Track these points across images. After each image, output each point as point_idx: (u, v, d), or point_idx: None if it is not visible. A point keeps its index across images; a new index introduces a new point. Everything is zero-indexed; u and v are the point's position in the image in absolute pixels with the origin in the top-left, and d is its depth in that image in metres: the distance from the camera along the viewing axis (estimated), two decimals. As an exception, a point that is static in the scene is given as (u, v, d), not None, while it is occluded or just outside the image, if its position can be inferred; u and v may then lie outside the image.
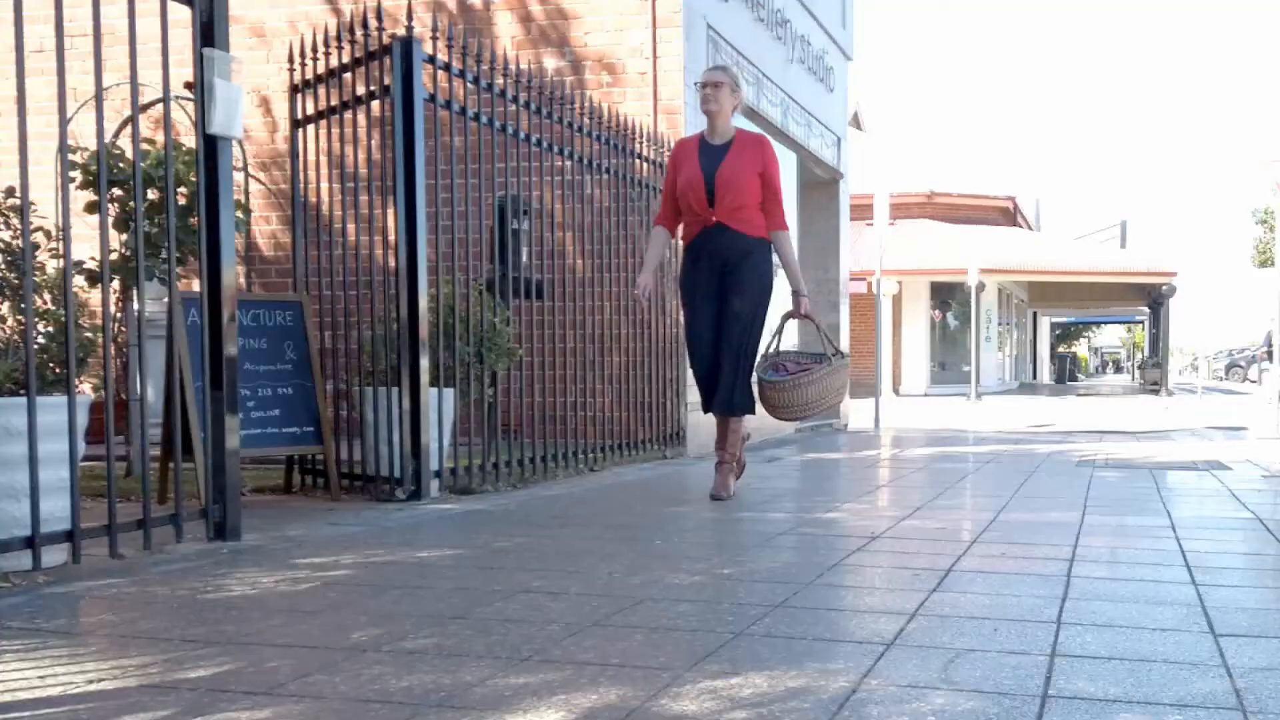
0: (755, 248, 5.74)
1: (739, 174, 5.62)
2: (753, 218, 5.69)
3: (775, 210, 5.73)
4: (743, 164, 5.64)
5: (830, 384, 5.77)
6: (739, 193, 5.62)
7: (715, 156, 5.68)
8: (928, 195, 30.92)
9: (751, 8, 10.13)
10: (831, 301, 13.57)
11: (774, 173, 5.74)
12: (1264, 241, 40.38)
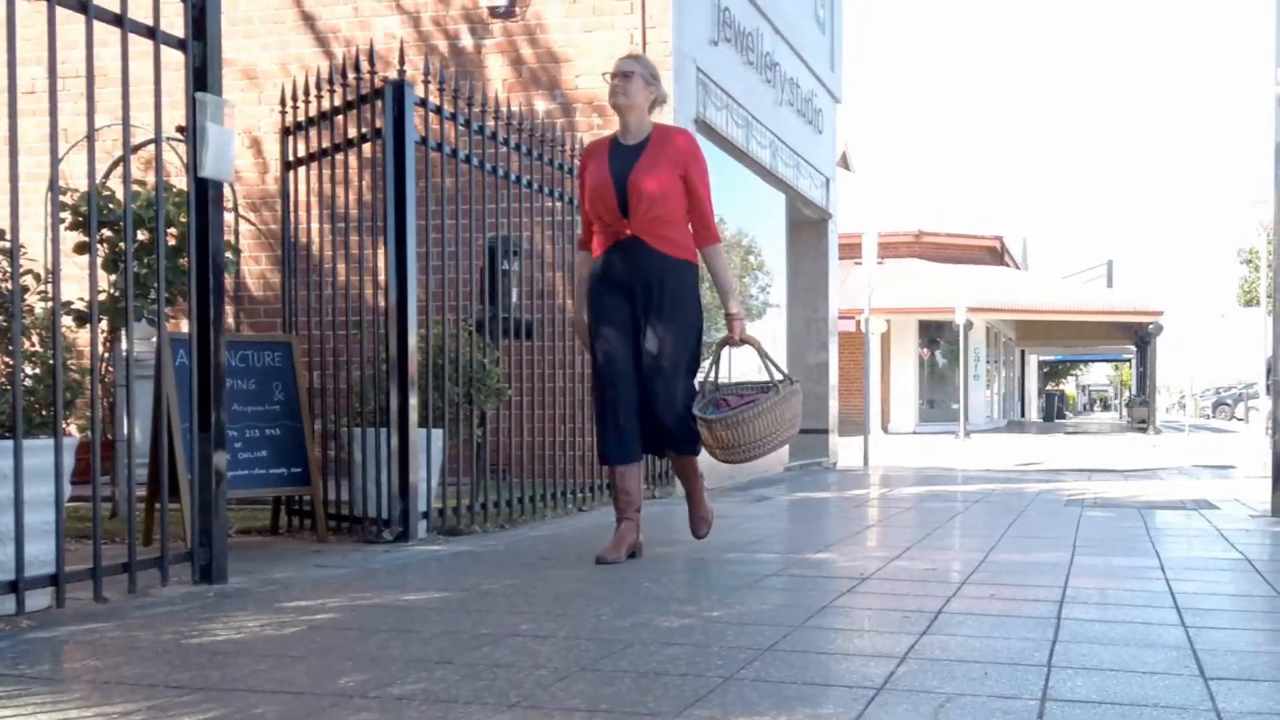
0: (680, 272, 4.83)
1: (656, 177, 4.75)
2: (677, 234, 4.84)
3: (702, 221, 4.88)
4: (661, 165, 4.77)
5: (780, 415, 4.84)
6: (657, 200, 4.75)
7: (628, 158, 4.82)
8: (916, 235, 31.09)
9: (741, 51, 10.22)
10: (820, 340, 13.62)
11: (699, 175, 4.85)
12: (1249, 281, 40.66)
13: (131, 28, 3.86)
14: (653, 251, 4.81)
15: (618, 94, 4.86)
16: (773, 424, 4.85)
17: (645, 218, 4.78)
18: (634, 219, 4.78)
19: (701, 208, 4.88)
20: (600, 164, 4.87)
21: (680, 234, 4.85)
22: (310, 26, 9.14)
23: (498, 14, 8.77)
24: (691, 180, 4.83)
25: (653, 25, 8.57)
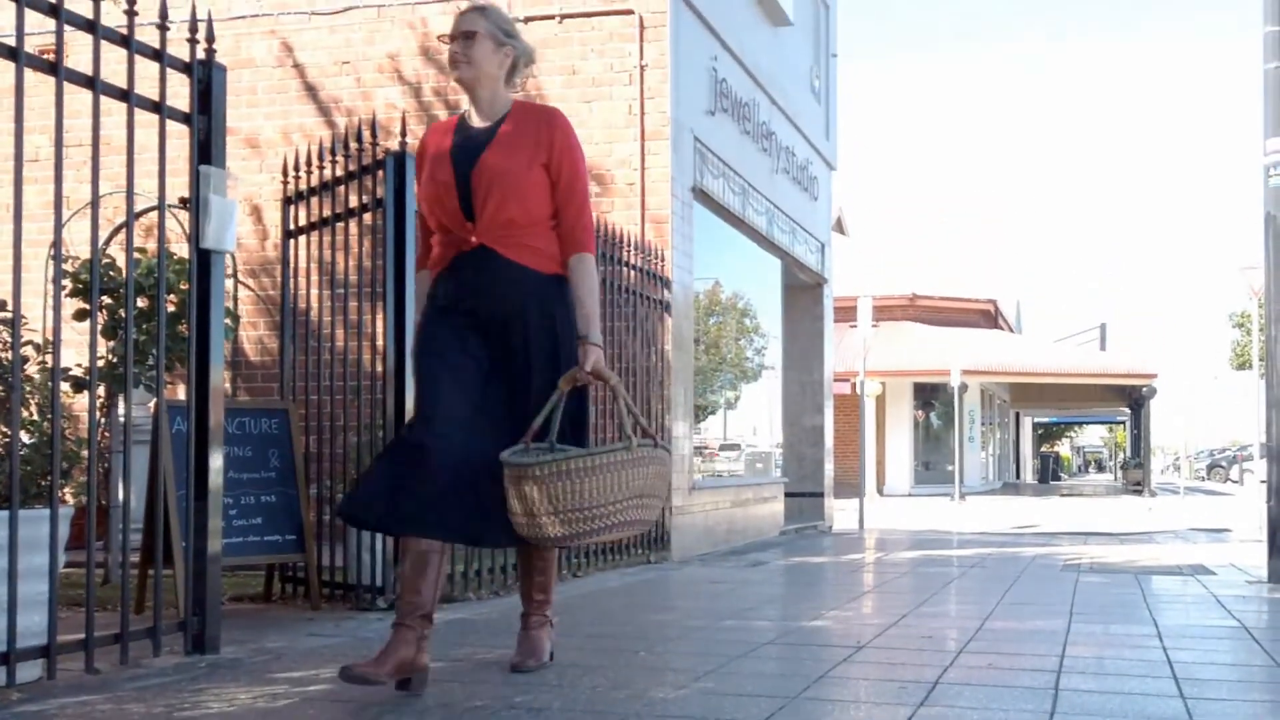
0: (549, 293, 3.60)
1: (512, 168, 3.53)
2: (542, 241, 3.60)
3: (575, 224, 3.62)
4: (519, 151, 3.56)
5: (625, 480, 3.38)
6: (511, 196, 3.53)
7: (476, 142, 3.61)
8: (910, 298, 31.27)
9: (738, 120, 10.38)
10: (816, 403, 13.66)
11: (571, 164, 3.63)
12: (1241, 344, 40.87)
13: (137, 103, 3.93)
14: (509, 265, 3.54)
15: (459, 63, 3.66)
16: (613, 489, 3.36)
17: (496, 220, 3.52)
18: (481, 222, 3.53)
19: (574, 206, 3.61)
20: (440, 152, 3.64)
21: (544, 240, 3.59)
22: (313, 97, 9.27)
23: (498, 84, 8.89)
24: (561, 170, 3.59)
25: (651, 96, 8.70)
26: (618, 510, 3.38)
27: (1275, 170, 9.30)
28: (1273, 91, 9.49)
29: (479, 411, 3.51)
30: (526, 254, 3.58)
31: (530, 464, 3.35)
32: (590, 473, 3.34)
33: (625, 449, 3.41)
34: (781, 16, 11.33)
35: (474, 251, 3.58)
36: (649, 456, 3.45)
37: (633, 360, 8.38)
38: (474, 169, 3.55)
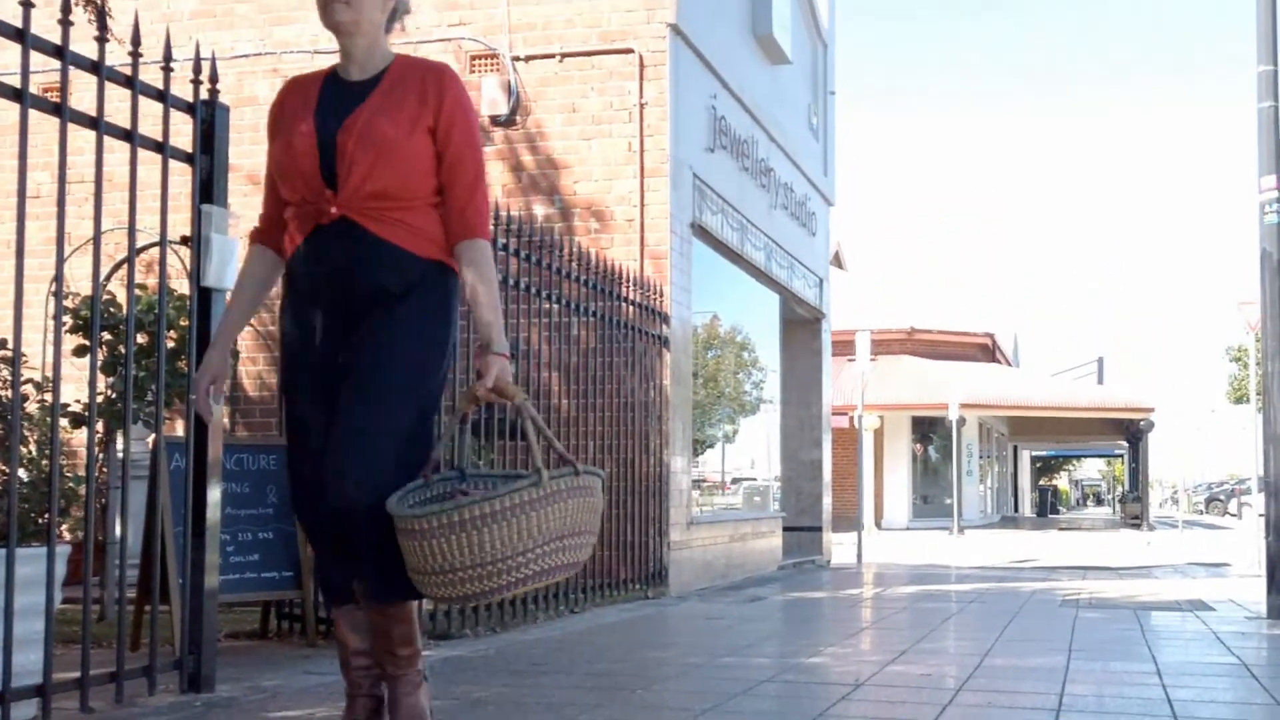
0: (420, 277, 2.94)
1: (389, 130, 2.89)
2: (418, 219, 2.94)
3: (466, 202, 2.95)
4: (398, 112, 2.92)
5: (539, 522, 2.76)
6: (384, 164, 2.88)
7: (348, 100, 2.96)
8: (908, 332, 31.33)
9: (736, 157, 10.45)
10: (814, 437, 13.67)
11: (465, 131, 2.97)
12: (1239, 378, 40.92)
13: (141, 143, 3.96)
14: (378, 244, 2.89)
15: (336, 8, 2.99)
16: (524, 535, 2.72)
17: (363, 190, 2.87)
18: (345, 191, 2.88)
19: (465, 181, 2.95)
20: (302, 108, 3.00)
21: (425, 219, 2.94)
22: (314, 134, 9.33)
23: (499, 122, 8.98)
24: (450, 137, 2.93)
25: (650, 133, 8.77)
26: (532, 559, 2.72)
27: (1270, 207, 9.37)
28: (1266, 130, 9.57)
29: (333, 439, 2.86)
30: (401, 232, 2.90)
31: (413, 516, 2.70)
32: (491, 521, 2.69)
33: (534, 485, 2.72)
34: (780, 55, 11.43)
35: (334, 224, 2.89)
36: (570, 488, 2.79)
37: (631, 395, 8.40)
38: (341, 128, 2.90)
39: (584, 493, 2.84)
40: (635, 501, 8.43)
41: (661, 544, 8.66)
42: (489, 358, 2.90)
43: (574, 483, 2.82)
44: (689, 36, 9.08)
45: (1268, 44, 9.57)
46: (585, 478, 2.84)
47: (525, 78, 8.97)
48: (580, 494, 2.84)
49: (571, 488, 2.81)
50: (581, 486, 2.84)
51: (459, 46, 9.10)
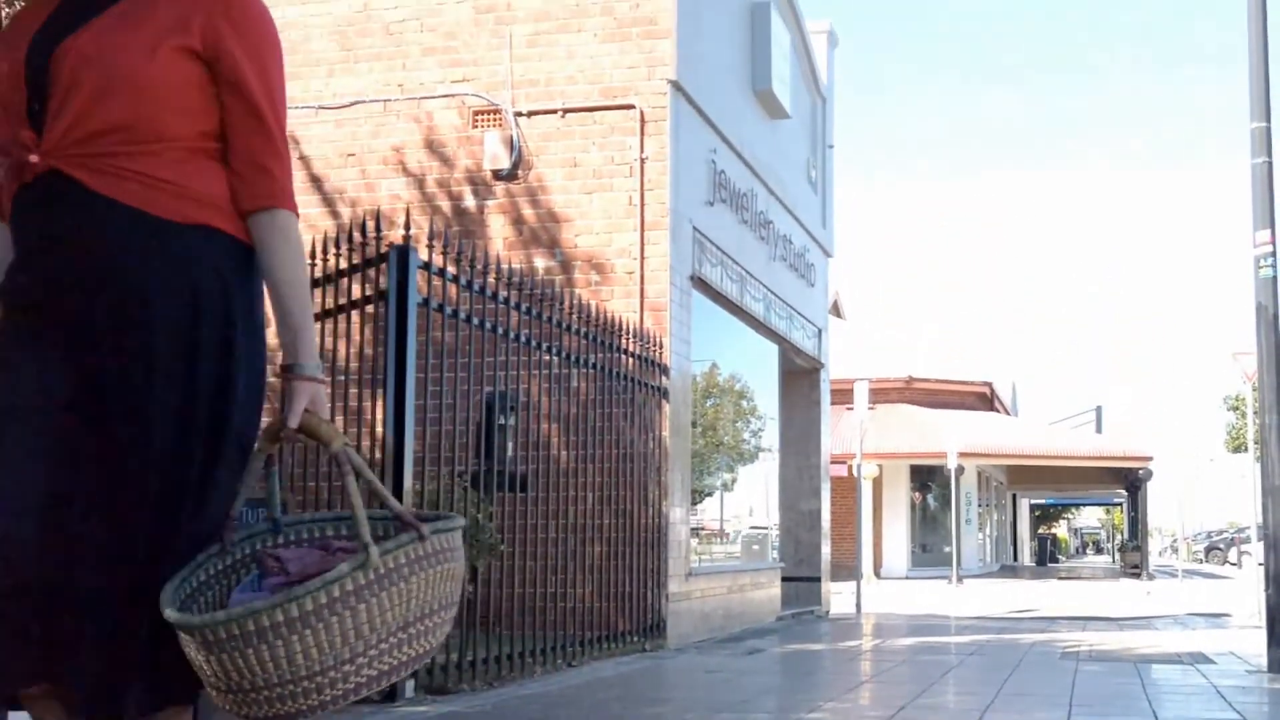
0: (176, 258, 2.01)
1: (121, 49, 2.00)
2: (165, 168, 2.01)
3: (260, 155, 2.08)
4: (139, 26, 2.03)
5: (375, 613, 1.95)
6: (112, 93, 1.98)
7: (74, 16, 2.06)
8: (906, 380, 31.37)
9: (736, 210, 10.55)
10: (813, 487, 13.67)
11: (254, 61, 2.10)
12: (1236, 427, 40.95)
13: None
14: (95, 202, 1.99)
15: None
16: (347, 640, 1.94)
17: (77, 129, 1.99)
18: (53, 133, 2.00)
19: (260, 128, 2.08)
20: (31, 25, 2.10)
21: (181, 170, 2.03)
22: (318, 188, 9.42)
23: (501, 176, 9.07)
24: (236, 67, 2.06)
25: (651, 187, 8.86)
26: (365, 664, 1.95)
27: (1264, 262, 9.45)
28: (1260, 185, 9.68)
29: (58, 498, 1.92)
30: (135, 188, 1.97)
31: (189, 624, 1.89)
32: (303, 625, 1.88)
33: (360, 568, 1.91)
34: (779, 110, 11.57)
35: (39, 182, 1.99)
36: (415, 560, 1.98)
37: (630, 446, 8.42)
38: (59, 49, 2.00)
39: (435, 560, 2.03)
40: (634, 553, 8.42)
41: (660, 595, 8.64)
42: (295, 384, 2.09)
43: (418, 551, 1.99)
44: (689, 92, 9.20)
45: (1260, 101, 9.71)
46: (436, 539, 2.03)
47: (527, 133, 9.07)
48: (430, 563, 2.02)
49: (416, 559, 1.99)
50: (431, 554, 2.02)
51: (462, 102, 9.21)
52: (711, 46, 9.88)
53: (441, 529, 2.06)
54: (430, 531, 2.02)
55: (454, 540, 2.09)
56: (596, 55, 9.02)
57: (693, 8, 9.27)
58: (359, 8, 9.48)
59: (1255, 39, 9.76)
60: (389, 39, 9.37)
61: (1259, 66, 9.77)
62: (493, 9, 9.23)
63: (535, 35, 9.13)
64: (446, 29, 9.30)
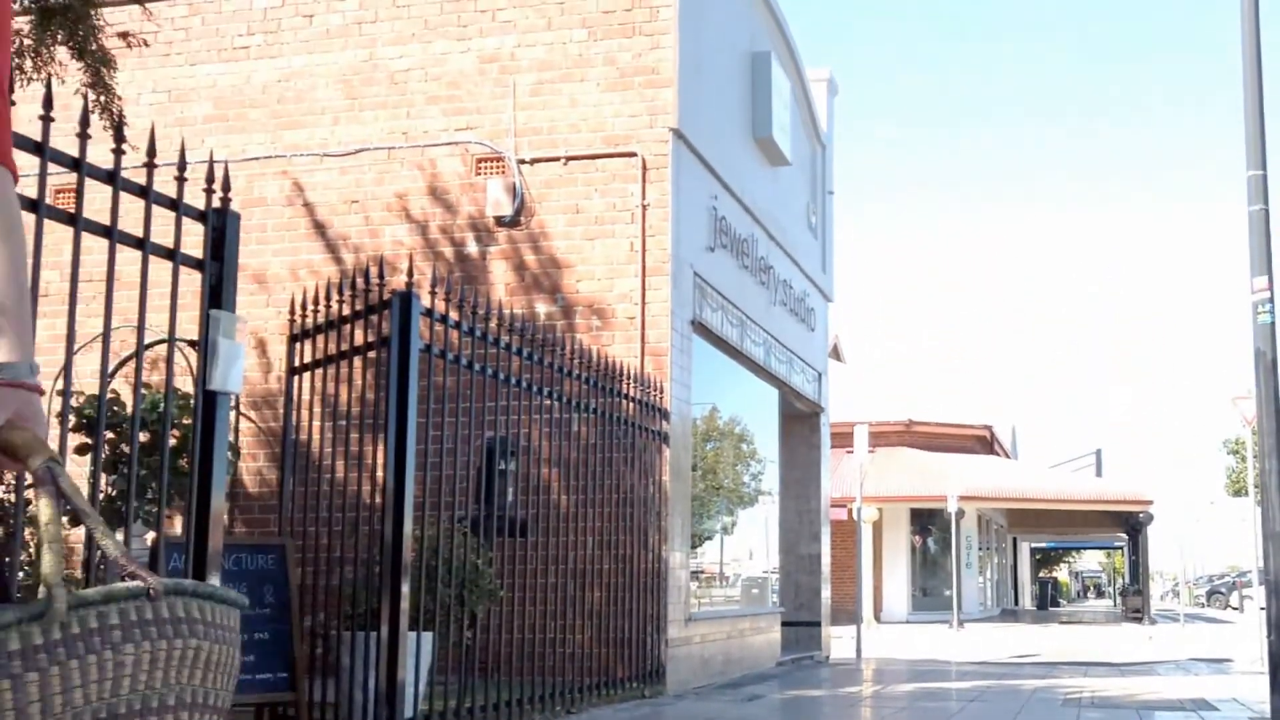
0: None
1: None
2: None
3: None
4: None
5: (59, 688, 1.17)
6: None
7: None
8: (906, 424, 31.33)
9: (736, 256, 10.59)
10: (813, 531, 13.62)
11: None
12: (1237, 471, 40.87)
13: (152, 250, 4.03)
14: None
15: None
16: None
17: None
18: None
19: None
20: None
21: None
22: (322, 234, 9.45)
23: (503, 223, 9.11)
24: None
25: (652, 234, 8.90)
26: None
27: (1262, 307, 9.49)
28: (1258, 232, 9.74)
29: None
30: None
31: None
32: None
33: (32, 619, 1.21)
34: (780, 157, 11.64)
35: None
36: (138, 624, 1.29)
37: (630, 491, 8.40)
38: None
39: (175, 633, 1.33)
40: (633, 598, 8.38)
41: (659, 641, 8.58)
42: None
43: (142, 614, 1.30)
44: (690, 140, 9.27)
45: (1256, 150, 9.79)
46: (181, 605, 1.34)
47: (530, 180, 9.13)
48: (162, 635, 1.32)
49: (135, 623, 1.30)
50: (167, 621, 1.32)
51: (465, 150, 9.27)
52: (713, 95, 9.96)
53: (196, 593, 1.37)
54: (171, 590, 1.32)
55: (218, 616, 1.40)
56: (599, 104, 9.09)
57: (694, 57, 9.36)
58: (365, 58, 9.57)
59: (1250, 89, 9.86)
60: (394, 88, 9.46)
61: (1254, 115, 9.85)
62: (497, 59, 9.32)
63: (539, 84, 9.21)
64: (450, 78, 9.39)
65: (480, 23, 9.39)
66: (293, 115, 9.61)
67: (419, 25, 9.49)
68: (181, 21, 9.96)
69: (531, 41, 9.26)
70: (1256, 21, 9.85)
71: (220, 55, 9.85)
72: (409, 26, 9.50)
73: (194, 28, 9.94)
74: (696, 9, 9.44)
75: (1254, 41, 9.78)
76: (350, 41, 9.60)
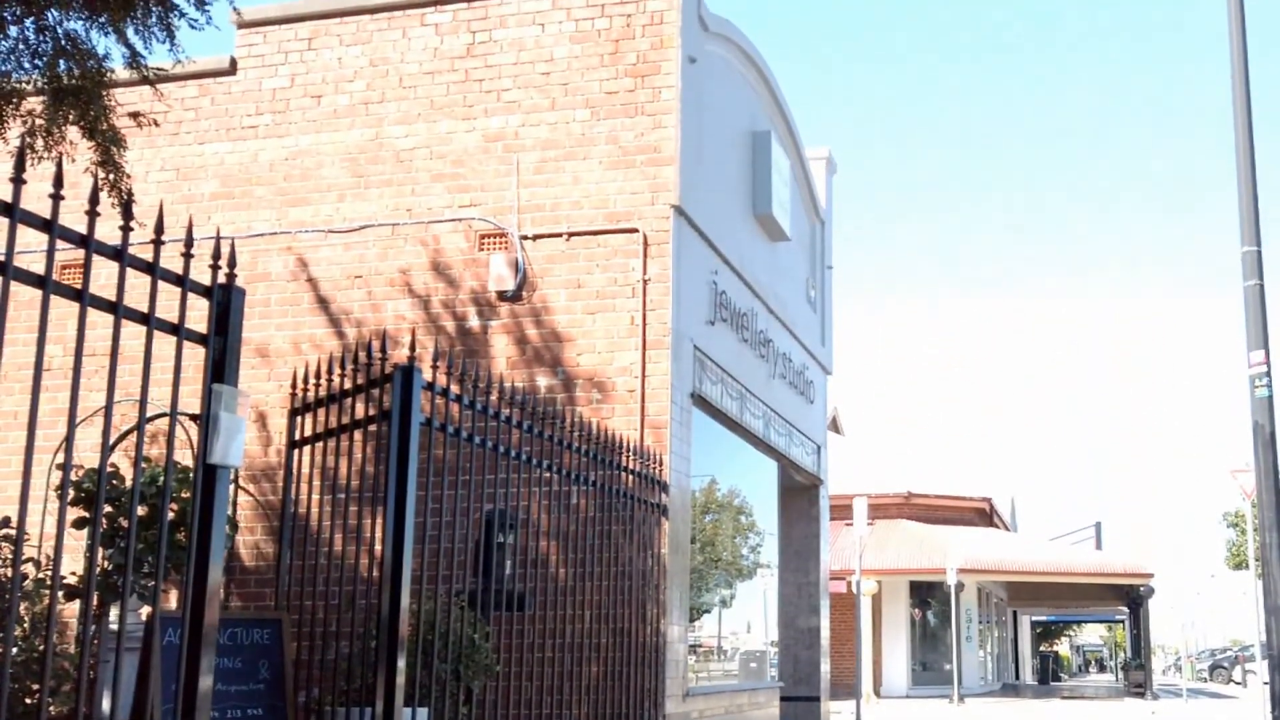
0: None
1: None
2: None
3: None
4: None
5: None
6: None
7: None
8: (905, 496, 31.23)
9: (736, 329, 10.64)
10: (812, 605, 13.52)
11: None
12: (1237, 544, 40.66)
13: (156, 325, 4.04)
14: None
15: None
16: None
17: None
18: None
19: None
20: None
21: None
22: (324, 309, 9.50)
23: (505, 297, 9.16)
24: None
25: (653, 308, 8.94)
26: None
27: (1260, 381, 9.53)
28: (1253, 308, 9.81)
29: None
30: None
31: None
32: None
33: None
34: (779, 233, 11.75)
35: None
36: None
37: (628, 564, 8.34)
38: None
39: None
40: (631, 672, 8.28)
41: (657, 717, 8.47)
42: None
43: None
44: (691, 216, 9.36)
45: (1250, 227, 9.90)
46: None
47: (532, 255, 9.19)
48: None
49: None
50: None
51: (469, 226, 9.35)
52: (713, 172, 10.08)
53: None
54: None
55: None
56: (601, 181, 9.19)
57: (695, 136, 9.48)
58: (371, 136, 9.69)
59: (1244, 166, 10.00)
60: (399, 166, 9.57)
61: (1248, 195, 9.98)
62: (501, 137, 9.44)
63: (542, 162, 9.32)
64: (455, 156, 9.50)
65: (486, 103, 9.53)
66: (298, 192, 9.71)
67: (425, 105, 9.63)
68: (191, 101, 10.10)
69: (535, 121, 9.39)
70: (1248, 102, 10.03)
71: (229, 134, 9.98)
72: (415, 106, 9.64)
73: (203, 107, 10.08)
74: (698, 89, 9.59)
75: (1245, 121, 9.94)
76: (357, 121, 9.74)
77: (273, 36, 10.07)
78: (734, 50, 10.82)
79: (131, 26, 6.09)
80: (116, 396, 4.26)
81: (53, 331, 6.94)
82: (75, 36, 6.13)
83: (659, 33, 9.28)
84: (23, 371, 9.06)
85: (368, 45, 9.86)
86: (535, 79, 9.46)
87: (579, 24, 9.44)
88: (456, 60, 9.65)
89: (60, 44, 6.08)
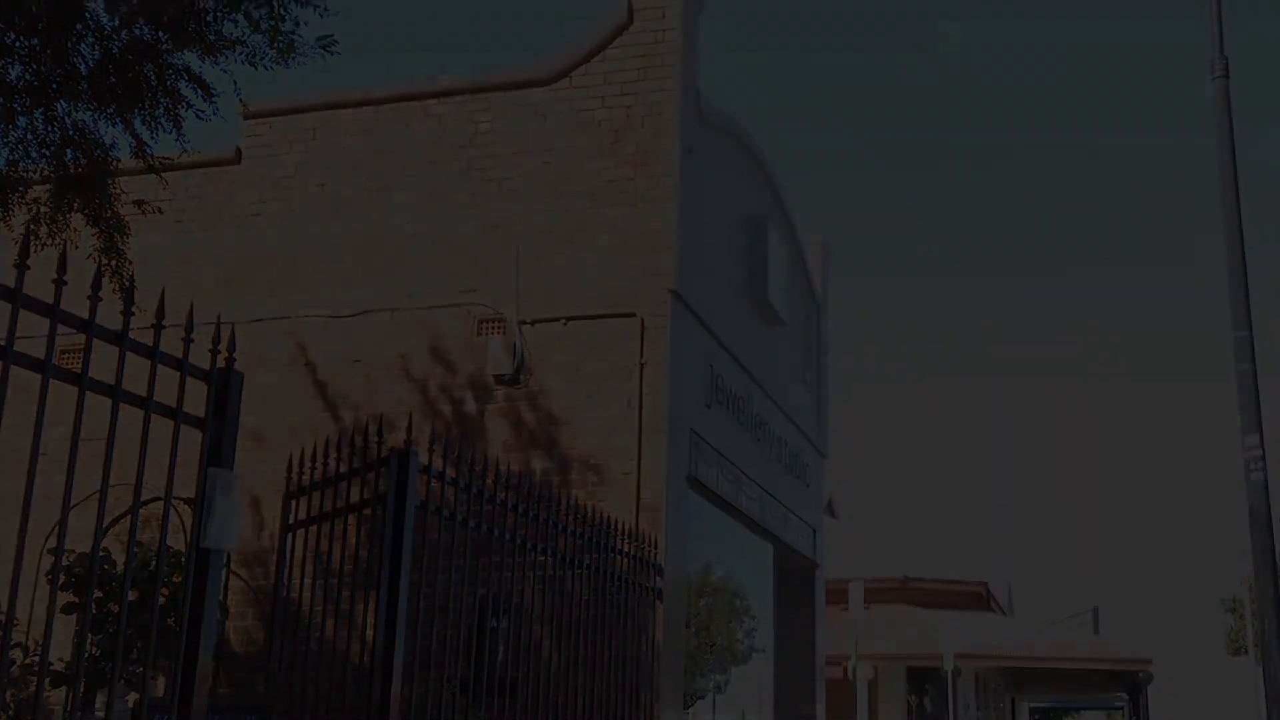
0: None
1: None
2: None
3: None
4: None
5: None
6: None
7: None
8: (902, 580, 30.98)
9: (732, 413, 10.65)
10: (809, 690, 13.33)
11: None
12: (1235, 630, 40.28)
13: (155, 408, 4.05)
14: None
15: None
16: None
17: None
18: None
19: None
20: None
21: None
22: (322, 393, 9.51)
23: (503, 381, 9.18)
24: None
25: (649, 391, 8.96)
26: None
27: (1255, 465, 9.50)
28: (1246, 391, 9.83)
29: None
30: None
31: None
32: None
33: None
34: (776, 318, 11.83)
35: None
36: None
37: (622, 648, 8.24)
38: None
39: None
40: (626, 763, 8.13)
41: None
42: None
43: None
44: (689, 301, 9.42)
45: (1242, 311, 9.95)
46: None
47: (530, 339, 9.23)
48: None
49: None
50: None
51: (468, 312, 9.40)
52: (711, 258, 10.18)
53: None
54: None
55: None
56: (600, 267, 9.27)
57: (694, 223, 9.59)
58: (373, 224, 9.80)
59: (1233, 250, 10.08)
60: (400, 253, 9.66)
61: (1238, 279, 10.05)
62: (501, 225, 9.54)
63: (542, 249, 9.40)
64: (456, 243, 9.60)
65: (487, 191, 9.65)
66: (299, 279, 9.78)
67: (427, 194, 9.74)
68: (196, 190, 10.22)
69: (536, 209, 9.50)
70: (1235, 184, 10.14)
71: (232, 221, 10.09)
72: (417, 195, 9.76)
73: (208, 195, 10.19)
74: (696, 178, 9.73)
75: (1234, 205, 10.05)
76: (359, 209, 9.85)
77: (279, 126, 10.23)
78: (731, 140, 11.00)
79: (139, 117, 6.18)
80: (112, 480, 4.24)
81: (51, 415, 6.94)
82: (83, 126, 6.22)
83: (658, 124, 9.43)
84: (19, 455, 9.02)
85: (371, 135, 10.01)
86: (536, 168, 9.59)
87: (580, 115, 9.60)
88: (459, 149, 9.80)
89: (68, 134, 6.17)
